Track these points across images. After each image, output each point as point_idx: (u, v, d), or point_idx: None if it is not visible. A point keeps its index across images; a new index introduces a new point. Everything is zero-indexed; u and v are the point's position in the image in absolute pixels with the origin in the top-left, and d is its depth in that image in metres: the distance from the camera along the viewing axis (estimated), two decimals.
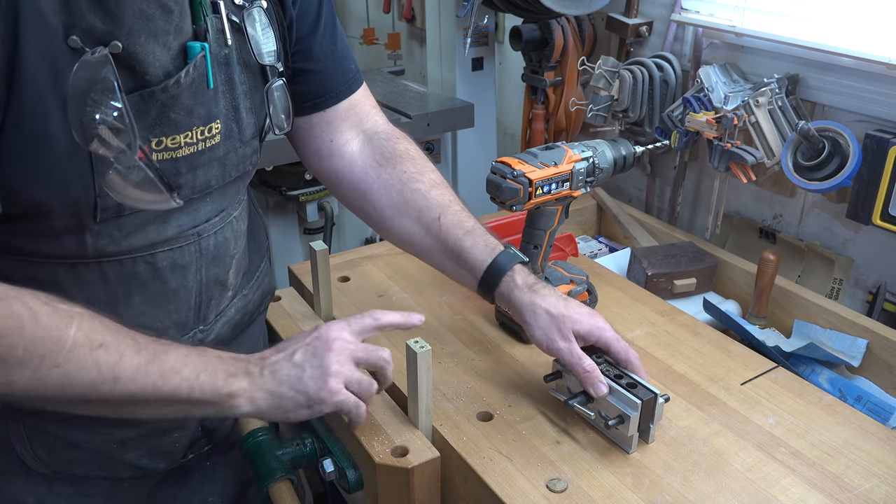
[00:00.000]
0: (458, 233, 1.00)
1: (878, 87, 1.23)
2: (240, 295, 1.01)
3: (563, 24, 1.75)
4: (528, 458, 0.92)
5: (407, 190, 1.01)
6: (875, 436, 0.97)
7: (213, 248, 0.92)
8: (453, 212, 1.01)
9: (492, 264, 0.98)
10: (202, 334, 0.95)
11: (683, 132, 1.44)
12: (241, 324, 1.03)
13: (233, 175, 0.89)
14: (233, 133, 0.87)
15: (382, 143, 1.04)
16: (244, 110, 0.87)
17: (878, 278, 1.33)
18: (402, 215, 1.02)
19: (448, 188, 1.05)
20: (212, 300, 0.95)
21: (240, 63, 0.86)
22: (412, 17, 2.75)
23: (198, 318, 0.94)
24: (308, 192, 1.84)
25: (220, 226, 0.92)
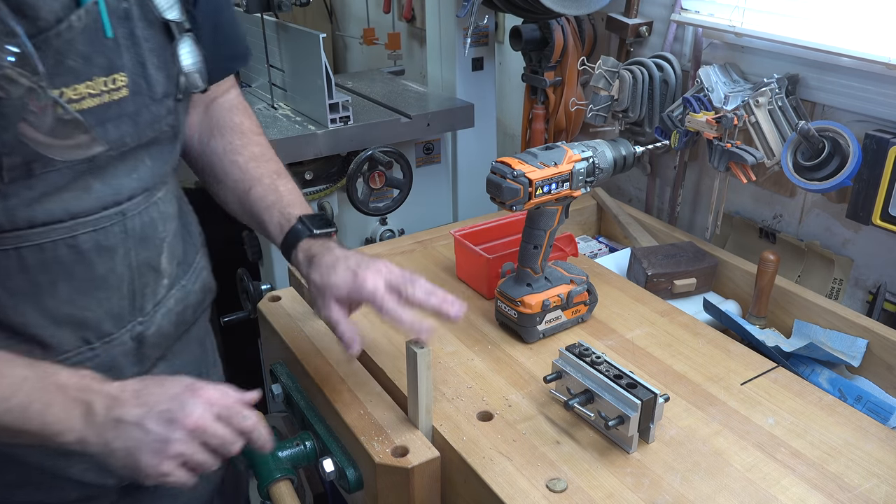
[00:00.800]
0: (261, 206, 1.01)
1: (878, 87, 1.23)
2: (178, 285, 0.98)
3: (563, 24, 1.75)
4: (528, 458, 0.92)
5: (227, 161, 1.04)
6: (875, 436, 0.97)
7: (140, 230, 0.89)
8: (263, 185, 1.02)
9: (282, 245, 0.99)
10: (142, 326, 0.92)
11: (683, 132, 1.44)
12: (183, 318, 1.00)
13: (148, 134, 0.86)
14: (141, 89, 0.84)
15: (221, 114, 1.06)
16: (152, 67, 0.85)
17: (878, 278, 1.33)
18: (221, 185, 1.05)
19: (268, 161, 1.05)
20: (146, 287, 0.92)
21: (143, 19, 0.83)
22: (412, 17, 2.75)
23: (133, 307, 0.91)
24: (308, 192, 1.84)
25: (144, 205, 0.89)
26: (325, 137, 1.78)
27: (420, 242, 1.49)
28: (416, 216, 2.03)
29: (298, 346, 1.15)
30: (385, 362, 1.12)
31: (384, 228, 2.01)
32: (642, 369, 1.10)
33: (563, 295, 1.17)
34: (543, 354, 1.14)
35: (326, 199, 1.88)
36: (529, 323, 1.15)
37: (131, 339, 0.91)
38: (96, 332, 0.87)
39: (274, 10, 1.89)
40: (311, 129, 1.79)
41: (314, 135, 1.77)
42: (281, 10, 1.90)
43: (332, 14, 3.42)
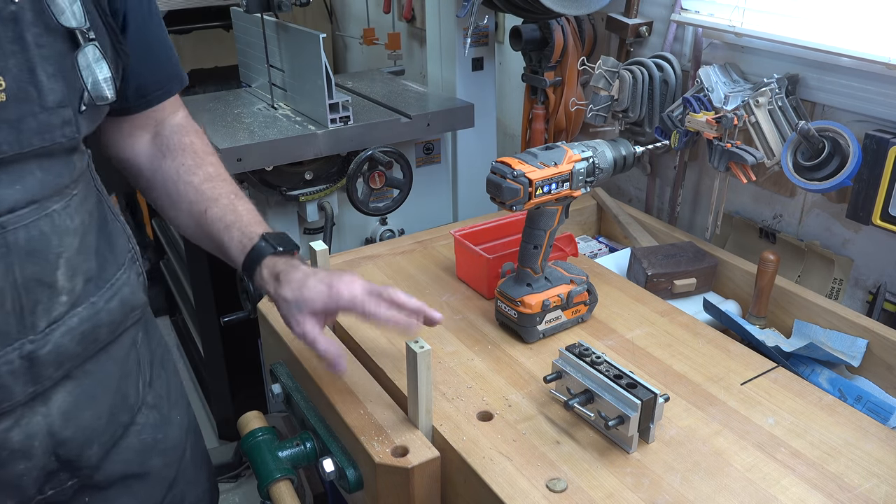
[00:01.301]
0: (220, 226, 0.99)
1: (878, 87, 1.24)
2: (85, 303, 0.90)
3: (563, 24, 1.75)
4: (528, 458, 0.92)
5: (181, 182, 1.01)
6: (875, 436, 0.97)
7: (26, 244, 0.81)
8: (220, 205, 1.00)
9: (244, 263, 0.98)
10: (32, 345, 0.84)
11: (683, 132, 1.44)
12: (93, 337, 0.92)
13: (35, 143, 0.80)
14: (29, 96, 0.78)
15: (169, 135, 1.04)
16: (44, 74, 0.79)
17: (878, 278, 1.33)
18: (176, 207, 1.02)
19: (224, 181, 1.03)
20: (38, 305, 0.84)
21: (38, 24, 0.79)
22: (412, 17, 2.75)
23: (22, 325, 0.83)
24: (308, 192, 1.84)
25: (31, 218, 0.82)
26: (325, 137, 1.78)
27: (420, 242, 1.50)
28: (416, 216, 2.03)
29: (298, 347, 1.15)
30: (385, 362, 1.12)
31: (384, 228, 2.01)
32: (642, 369, 1.10)
33: (563, 295, 1.17)
34: (543, 354, 1.14)
35: (326, 199, 1.89)
36: (529, 323, 1.15)
37: (20, 357, 0.83)
38: None
39: (274, 10, 1.89)
40: (311, 129, 1.79)
41: (314, 135, 1.77)
42: (281, 10, 1.90)
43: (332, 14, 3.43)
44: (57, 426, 0.89)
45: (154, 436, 1.04)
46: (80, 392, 0.91)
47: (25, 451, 0.87)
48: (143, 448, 1.02)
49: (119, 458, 0.99)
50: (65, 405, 0.90)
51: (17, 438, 0.86)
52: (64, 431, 0.90)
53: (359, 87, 2.20)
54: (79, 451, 0.92)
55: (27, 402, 0.86)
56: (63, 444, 0.90)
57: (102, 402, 0.95)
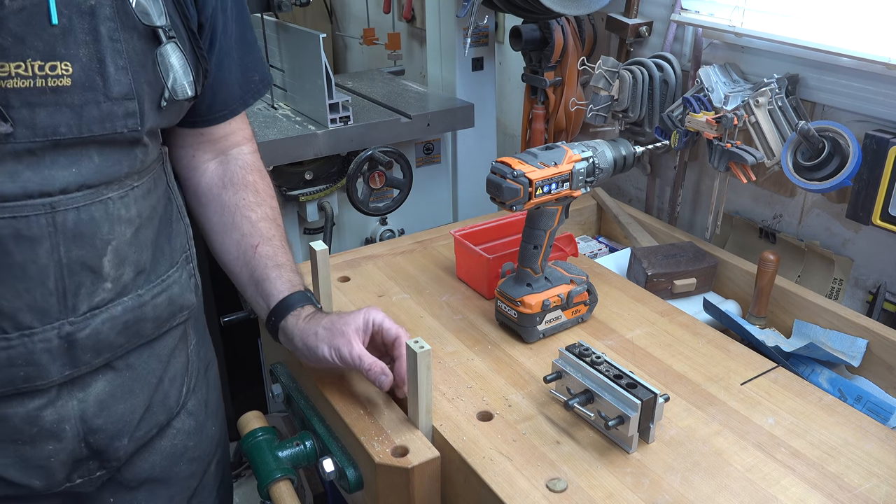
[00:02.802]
0: (269, 263, 1.03)
1: (877, 87, 1.24)
2: (131, 294, 0.92)
3: (563, 24, 1.75)
4: (528, 458, 0.92)
5: (239, 215, 1.06)
6: (875, 436, 0.97)
7: (74, 226, 0.84)
8: (272, 245, 1.05)
9: (286, 298, 1.01)
10: (72, 327, 0.87)
11: (683, 132, 1.44)
12: (137, 330, 0.94)
13: (95, 130, 0.83)
14: (95, 85, 0.82)
15: (234, 169, 1.08)
16: (113, 65, 0.83)
17: (878, 278, 1.33)
18: (226, 235, 1.06)
19: (278, 227, 1.08)
20: (80, 288, 0.86)
21: (116, 20, 0.82)
22: (412, 17, 2.75)
23: (64, 306, 0.86)
24: (308, 192, 1.84)
25: (83, 202, 0.84)
26: (325, 137, 1.78)
27: (420, 242, 1.50)
28: (416, 216, 2.03)
29: None
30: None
31: (384, 228, 2.01)
32: (642, 369, 1.10)
33: (563, 295, 1.17)
34: (543, 354, 1.14)
35: (326, 199, 1.89)
36: (529, 323, 1.15)
37: (58, 337, 0.86)
38: (12, 321, 0.83)
39: (274, 10, 1.89)
40: (311, 129, 1.79)
41: (314, 135, 1.77)
42: (281, 10, 1.90)
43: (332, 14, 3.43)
44: (90, 413, 0.91)
45: (186, 443, 1.06)
46: (119, 384, 0.94)
47: (56, 433, 0.89)
48: (173, 452, 1.04)
49: (149, 459, 1.01)
50: (102, 394, 0.92)
51: (50, 419, 0.88)
52: (96, 420, 0.92)
53: (359, 87, 2.20)
54: (109, 441, 0.94)
55: (63, 384, 0.88)
56: (94, 432, 0.92)
57: (140, 397, 0.97)
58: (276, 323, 1.01)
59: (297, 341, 0.99)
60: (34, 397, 0.87)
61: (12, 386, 0.85)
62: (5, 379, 0.84)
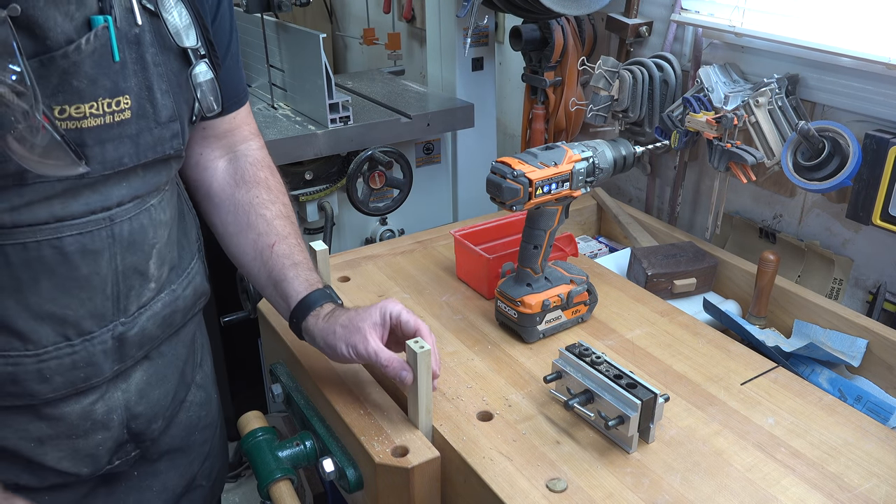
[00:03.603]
0: (286, 262, 1.03)
1: (878, 87, 1.24)
2: (168, 290, 0.99)
3: (563, 24, 1.75)
4: (528, 458, 0.92)
5: (253, 213, 1.06)
6: (875, 436, 0.97)
7: (128, 235, 0.90)
8: (288, 244, 1.05)
9: (305, 298, 1.00)
10: (123, 327, 0.93)
11: (683, 132, 1.44)
12: (170, 321, 1.01)
13: (149, 156, 0.88)
14: (146, 112, 0.86)
15: (245, 167, 1.08)
16: (159, 91, 0.87)
17: (878, 278, 1.33)
18: (242, 235, 1.06)
19: (293, 224, 1.08)
20: (131, 291, 0.93)
21: (155, 45, 0.86)
22: (412, 17, 2.75)
23: (117, 308, 0.92)
24: (308, 192, 1.84)
25: (134, 212, 0.90)
26: (325, 137, 1.78)
27: (420, 242, 1.50)
28: (416, 216, 2.03)
29: (298, 346, 1.15)
30: None
31: (384, 228, 2.01)
32: (642, 369, 1.10)
33: (563, 295, 1.17)
34: (543, 354, 1.14)
35: (326, 199, 1.89)
36: (529, 323, 1.15)
37: (112, 338, 0.92)
38: (77, 329, 0.88)
39: (274, 10, 1.89)
40: (311, 129, 1.79)
41: (314, 135, 1.77)
42: (281, 10, 1.90)
43: (332, 14, 3.42)
44: (133, 401, 0.97)
45: (199, 413, 1.13)
46: (153, 371, 1.00)
47: (105, 423, 0.95)
48: (189, 424, 1.11)
49: (170, 433, 1.07)
50: (141, 383, 0.98)
51: (101, 411, 0.94)
52: (137, 407, 0.98)
53: (359, 87, 2.20)
54: (146, 424, 1.00)
55: (112, 378, 0.94)
56: (136, 418, 0.98)
57: (170, 380, 1.03)
58: (299, 323, 1.00)
59: (319, 341, 0.98)
60: (88, 394, 0.92)
61: (73, 387, 0.90)
62: (67, 381, 0.89)
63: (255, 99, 2.10)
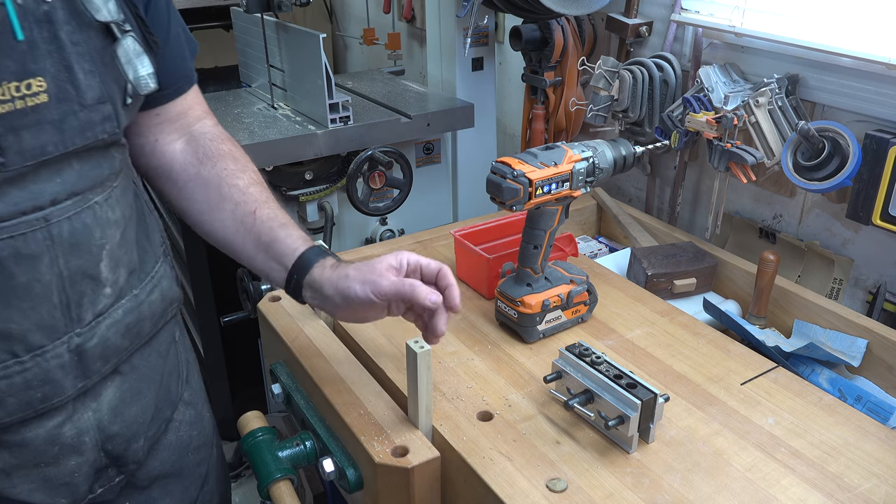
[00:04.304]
0: (273, 224, 0.98)
1: (878, 87, 1.24)
2: (129, 295, 0.92)
3: (563, 24, 1.75)
4: (528, 458, 0.92)
5: (225, 185, 1.00)
6: (875, 436, 0.97)
7: (70, 236, 0.82)
8: (270, 207, 1.00)
9: (305, 252, 0.96)
10: (80, 338, 0.85)
11: (683, 132, 1.44)
12: (137, 330, 0.94)
13: (78, 143, 0.81)
14: (68, 95, 0.79)
15: (205, 143, 1.03)
16: (81, 71, 0.80)
17: (878, 278, 1.33)
18: (218, 209, 1.00)
19: (266, 188, 1.03)
20: (83, 297, 0.85)
21: (71, 22, 0.79)
22: (412, 17, 2.75)
23: (69, 318, 0.84)
24: (308, 192, 1.84)
25: (73, 210, 0.83)
26: (325, 137, 1.78)
27: (420, 242, 1.49)
28: (416, 216, 2.03)
29: (298, 346, 1.15)
30: (385, 362, 1.12)
31: (384, 228, 2.01)
32: (642, 369, 1.10)
33: (563, 295, 1.17)
34: (543, 354, 1.14)
35: (326, 199, 1.89)
36: (529, 323, 1.15)
37: (68, 351, 0.84)
38: (24, 344, 0.81)
39: (274, 10, 1.90)
40: (311, 129, 1.79)
41: (314, 135, 1.77)
42: (281, 10, 1.90)
43: (332, 14, 3.43)
44: (106, 421, 0.91)
45: (190, 433, 1.07)
46: (127, 387, 0.94)
47: (77, 447, 0.89)
48: (179, 445, 1.05)
49: (159, 456, 1.01)
50: (114, 400, 0.92)
51: (69, 434, 0.87)
52: (112, 426, 0.92)
53: (359, 87, 2.20)
54: (126, 445, 0.94)
55: (77, 396, 0.88)
56: (111, 439, 0.92)
57: (148, 396, 0.97)
58: (300, 279, 0.95)
59: (328, 289, 0.93)
60: (52, 416, 0.86)
61: (31, 409, 0.83)
62: (23, 402, 0.82)
63: (255, 99, 2.10)
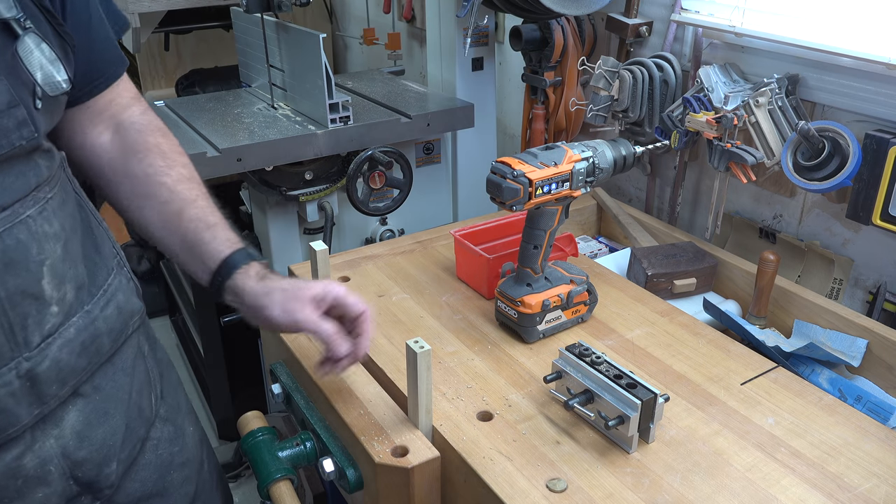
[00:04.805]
0: (199, 226, 0.96)
1: (878, 87, 1.24)
2: (79, 313, 0.86)
3: (563, 24, 1.75)
4: (528, 458, 0.92)
5: (153, 183, 0.97)
6: (875, 436, 0.97)
7: (2, 254, 0.76)
8: (198, 206, 0.97)
9: (230, 257, 0.94)
10: (29, 362, 0.80)
11: (683, 132, 1.44)
12: (95, 349, 0.88)
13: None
14: None
15: (133, 136, 0.99)
16: None
17: (878, 278, 1.33)
18: (146, 207, 0.97)
19: (197, 184, 1.00)
20: (27, 319, 0.79)
21: None
22: (412, 17, 2.75)
23: (14, 342, 0.78)
24: (308, 192, 1.84)
25: (3, 226, 0.76)
26: (325, 137, 1.78)
27: (420, 242, 1.50)
28: (416, 216, 2.03)
29: (298, 346, 1.15)
30: (385, 362, 1.12)
31: (384, 228, 2.01)
32: (642, 369, 1.10)
33: (563, 295, 1.17)
34: (543, 354, 1.14)
35: (326, 199, 1.88)
36: (529, 323, 1.15)
37: (18, 377, 0.79)
38: None
39: (274, 10, 1.89)
40: (311, 129, 1.79)
41: (314, 135, 1.77)
42: (281, 10, 1.90)
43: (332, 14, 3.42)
44: (71, 447, 0.86)
45: (170, 450, 1.02)
46: (91, 409, 0.88)
47: (42, 478, 0.83)
48: (160, 464, 1.00)
49: (138, 477, 0.97)
50: (78, 424, 0.87)
51: (31, 465, 0.82)
52: (79, 452, 0.87)
53: (359, 87, 2.20)
54: (97, 470, 0.89)
55: (36, 424, 0.82)
56: (80, 466, 0.87)
57: (116, 417, 0.92)
58: (223, 282, 0.94)
59: (249, 299, 0.93)
60: (9, 447, 0.80)
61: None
62: None
63: (255, 99, 2.10)
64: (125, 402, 0.94)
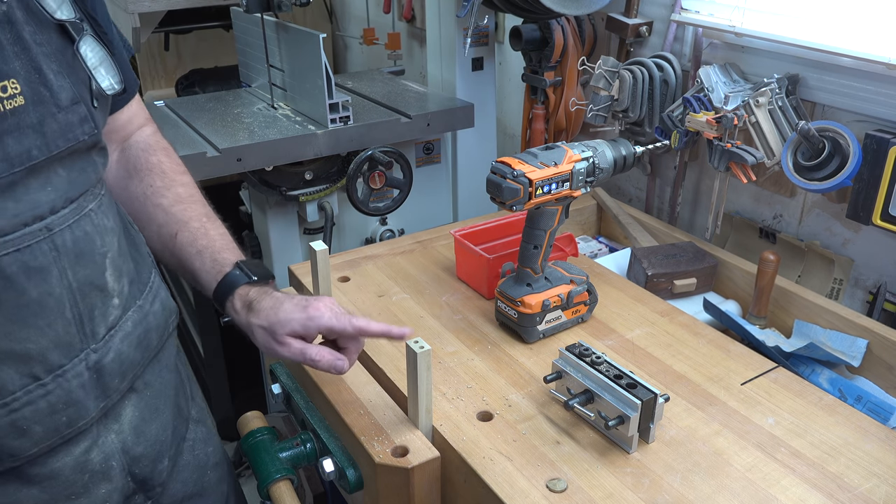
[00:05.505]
0: (190, 251, 0.97)
1: (878, 87, 1.24)
2: (134, 306, 0.89)
3: (563, 24, 1.75)
4: (528, 458, 0.92)
5: (150, 205, 0.99)
6: (875, 436, 0.97)
7: (73, 245, 0.79)
8: (190, 229, 0.98)
9: (216, 293, 0.96)
10: (96, 354, 0.82)
11: (683, 132, 1.44)
12: (146, 343, 0.91)
13: (61, 145, 0.77)
14: (43, 97, 0.76)
15: (137, 154, 1.01)
16: (50, 72, 0.77)
17: (878, 278, 1.33)
18: (146, 227, 0.99)
19: (195, 203, 1.01)
20: (94, 310, 0.82)
21: (31, 22, 0.76)
22: (412, 17, 2.75)
23: (83, 333, 0.81)
24: (308, 192, 1.84)
25: (73, 218, 0.80)
26: (325, 137, 1.78)
27: (420, 242, 1.50)
28: (416, 216, 2.03)
29: None
30: (385, 362, 1.12)
31: (384, 228, 2.01)
32: (642, 369, 1.10)
33: (563, 295, 1.17)
34: (543, 354, 1.14)
35: (326, 199, 1.89)
36: (529, 323, 1.15)
37: (87, 369, 0.81)
38: (44, 365, 0.77)
39: (274, 10, 1.89)
40: (311, 129, 1.79)
41: (314, 135, 1.77)
42: (281, 10, 1.90)
43: (332, 14, 3.42)
44: (130, 443, 0.88)
45: (205, 450, 1.04)
46: (144, 405, 0.91)
47: (105, 473, 0.85)
48: (198, 464, 1.02)
49: (180, 478, 0.98)
50: (135, 419, 0.89)
51: (97, 459, 0.84)
52: (136, 447, 0.89)
53: (359, 87, 2.20)
54: (151, 466, 0.91)
55: (100, 418, 0.85)
56: (137, 462, 0.89)
57: (165, 413, 0.95)
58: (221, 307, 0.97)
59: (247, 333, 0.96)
60: (79, 441, 0.83)
61: (58, 435, 0.80)
62: (49, 430, 0.79)
63: (255, 99, 2.10)
64: (171, 398, 0.97)
